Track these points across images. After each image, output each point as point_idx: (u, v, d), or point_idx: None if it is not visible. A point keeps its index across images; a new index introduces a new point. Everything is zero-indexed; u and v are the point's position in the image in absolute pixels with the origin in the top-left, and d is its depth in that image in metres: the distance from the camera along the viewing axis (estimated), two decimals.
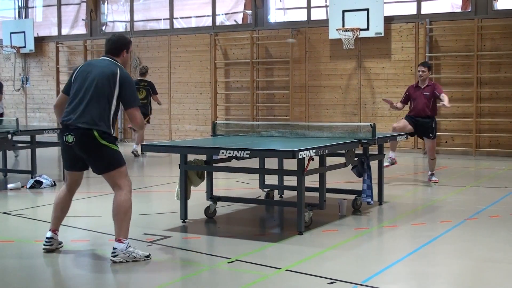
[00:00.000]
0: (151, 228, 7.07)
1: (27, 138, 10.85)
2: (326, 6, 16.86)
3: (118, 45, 5.94)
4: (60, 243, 6.15)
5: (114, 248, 5.68)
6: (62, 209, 6.05)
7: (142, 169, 13.00)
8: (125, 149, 17.20)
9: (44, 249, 6.01)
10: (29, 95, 21.44)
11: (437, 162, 13.56)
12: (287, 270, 5.42)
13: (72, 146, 5.70)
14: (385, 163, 10.19)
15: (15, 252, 6.22)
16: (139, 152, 14.69)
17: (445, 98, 10.24)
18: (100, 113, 5.65)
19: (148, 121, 14.98)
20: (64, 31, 21.08)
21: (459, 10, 16.07)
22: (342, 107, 16.44)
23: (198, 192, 7.98)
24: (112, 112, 5.73)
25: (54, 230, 6.05)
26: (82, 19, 20.75)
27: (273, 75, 17.42)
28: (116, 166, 5.75)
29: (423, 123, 10.35)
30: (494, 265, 5.64)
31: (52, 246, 6.03)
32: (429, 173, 10.57)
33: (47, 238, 6.03)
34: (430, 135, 10.40)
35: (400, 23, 15.77)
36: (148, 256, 5.77)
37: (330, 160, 7.49)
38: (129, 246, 5.70)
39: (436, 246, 6.34)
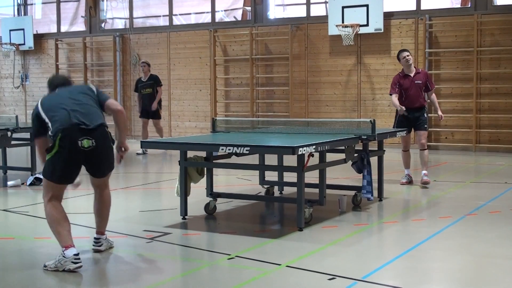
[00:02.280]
0: (151, 224, 7.07)
1: (26, 135, 10.85)
2: (326, 2, 16.84)
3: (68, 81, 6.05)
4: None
5: (98, 240, 5.96)
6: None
7: (141, 166, 13.00)
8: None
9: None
10: (29, 92, 21.43)
11: (437, 158, 13.59)
12: (287, 266, 5.42)
13: (88, 150, 5.45)
14: (403, 180, 9.88)
15: (15, 249, 6.23)
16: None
17: (435, 100, 10.09)
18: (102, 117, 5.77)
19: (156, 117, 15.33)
20: (64, 28, 21.05)
21: (458, 5, 16.05)
22: (342, 103, 16.44)
23: (198, 189, 7.98)
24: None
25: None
26: (82, 16, 20.72)
27: (272, 72, 17.41)
28: (113, 168, 5.90)
29: (417, 117, 9.75)
30: (494, 261, 5.64)
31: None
32: (423, 172, 9.75)
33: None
34: (426, 126, 9.86)
35: (400, 19, 15.76)
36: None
37: (330, 156, 7.48)
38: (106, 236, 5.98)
39: (436, 242, 6.34)
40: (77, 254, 5.36)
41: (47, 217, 5.53)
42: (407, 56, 9.84)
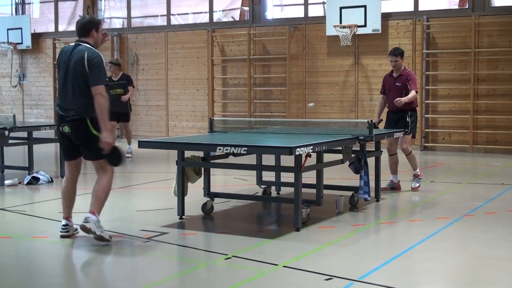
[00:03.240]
0: (148, 224, 7.06)
1: (24, 134, 10.84)
2: (324, 3, 16.85)
3: (86, 26, 6.28)
4: (76, 229, 6.44)
5: (86, 217, 6.06)
6: (70, 197, 6.45)
7: (138, 166, 12.99)
8: (123, 146, 17.18)
9: (61, 236, 6.36)
10: (26, 92, 21.41)
11: (434, 159, 13.60)
12: (284, 266, 5.42)
13: (69, 135, 6.16)
14: (385, 185, 9.32)
15: (12, 248, 6.22)
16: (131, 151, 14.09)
17: (409, 95, 9.01)
18: (87, 102, 6.05)
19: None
20: (61, 28, 21.04)
21: (456, 7, 16.08)
22: (339, 104, 16.44)
23: (195, 189, 7.97)
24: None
25: (67, 217, 6.41)
26: (79, 16, 20.67)
27: (270, 72, 17.42)
28: (96, 158, 6.18)
29: (396, 120, 9.29)
30: (491, 262, 5.65)
31: (69, 233, 6.38)
32: (413, 173, 9.42)
33: (62, 225, 6.39)
34: (406, 130, 9.18)
35: (398, 20, 15.78)
36: (109, 239, 6.12)
37: (327, 157, 7.49)
38: (99, 222, 6.11)
39: (433, 243, 6.35)
40: (64, 225, 6.36)
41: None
42: (394, 61, 9.24)
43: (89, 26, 6.25)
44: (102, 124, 5.99)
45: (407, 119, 9.27)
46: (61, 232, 6.37)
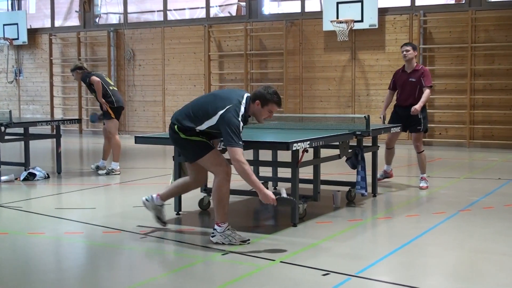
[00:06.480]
0: (145, 220, 7.04)
1: (20, 130, 10.82)
2: None
3: (257, 94, 6.03)
4: (161, 205, 6.61)
5: (213, 229, 6.06)
6: (177, 186, 6.64)
7: (135, 161, 12.97)
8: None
9: (143, 203, 6.63)
10: (23, 87, 21.37)
11: (431, 154, 13.59)
12: (281, 261, 5.42)
13: None
14: (378, 176, 9.09)
15: (8, 244, 6.21)
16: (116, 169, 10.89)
17: (423, 96, 8.94)
18: (190, 117, 6.05)
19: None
20: (57, 23, 20.99)
21: (453, 2, 16.08)
22: (336, 99, 16.44)
23: None
24: (200, 126, 6.03)
25: (159, 195, 6.58)
26: (76, 11, 20.65)
27: (267, 67, 17.40)
28: (199, 156, 6.13)
29: (407, 116, 9.02)
30: (488, 256, 5.65)
31: (148, 207, 6.62)
32: (420, 176, 9.29)
33: (147, 197, 6.62)
34: (418, 127, 9.13)
35: (394, 15, 15.77)
36: (245, 241, 6.00)
37: (324, 152, 7.48)
38: (227, 229, 6.01)
39: (430, 238, 6.35)
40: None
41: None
42: (405, 51, 9.11)
43: (258, 96, 6.02)
44: (255, 188, 5.94)
45: (419, 115, 9.06)
46: (143, 200, 6.64)
